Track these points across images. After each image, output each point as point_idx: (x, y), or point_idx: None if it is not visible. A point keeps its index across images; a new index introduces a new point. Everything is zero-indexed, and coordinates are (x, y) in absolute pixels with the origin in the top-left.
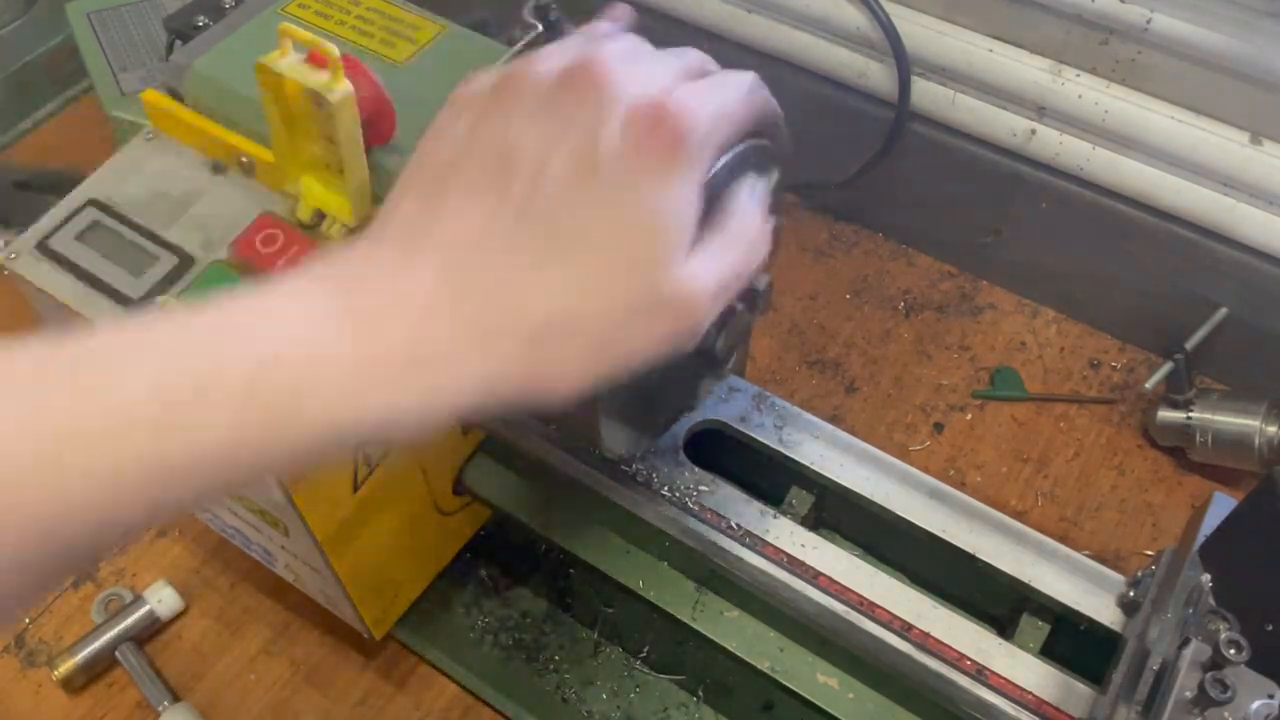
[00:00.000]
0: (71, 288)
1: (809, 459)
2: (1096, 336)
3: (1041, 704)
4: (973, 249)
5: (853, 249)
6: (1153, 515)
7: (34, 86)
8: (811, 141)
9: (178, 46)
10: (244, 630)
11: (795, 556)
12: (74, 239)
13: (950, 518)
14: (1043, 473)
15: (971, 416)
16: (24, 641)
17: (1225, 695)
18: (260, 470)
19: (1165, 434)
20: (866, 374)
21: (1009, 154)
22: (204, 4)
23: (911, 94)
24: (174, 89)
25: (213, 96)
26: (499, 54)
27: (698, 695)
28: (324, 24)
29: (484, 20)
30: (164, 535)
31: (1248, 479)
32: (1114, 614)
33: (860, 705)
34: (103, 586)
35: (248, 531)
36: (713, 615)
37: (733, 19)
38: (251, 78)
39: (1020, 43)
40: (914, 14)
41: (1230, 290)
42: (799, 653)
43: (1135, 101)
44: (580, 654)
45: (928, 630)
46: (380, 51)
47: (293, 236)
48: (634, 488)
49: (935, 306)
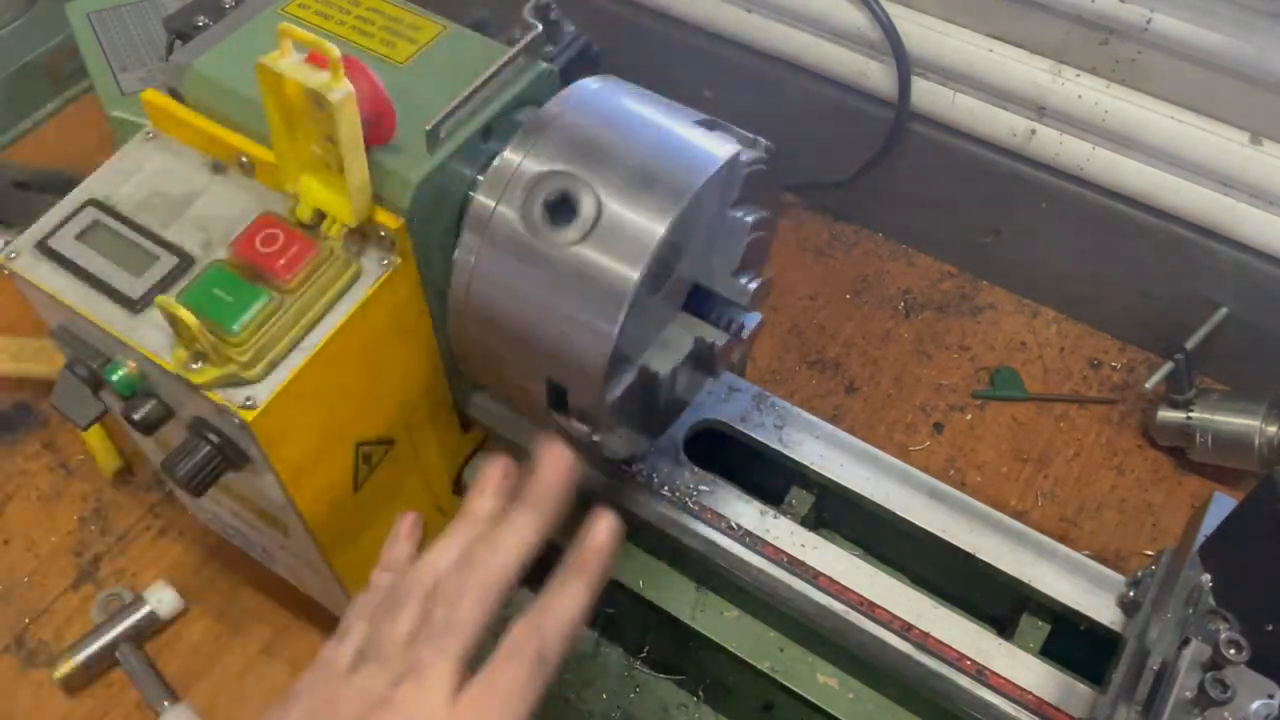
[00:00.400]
0: (71, 288)
1: (809, 459)
2: (1096, 336)
3: (1041, 704)
4: (973, 249)
5: (853, 249)
6: (1153, 515)
7: (34, 86)
8: (811, 141)
9: (178, 46)
10: (244, 630)
11: (795, 556)
12: (74, 239)
13: (950, 518)
14: (1043, 473)
15: (971, 416)
16: (24, 641)
17: (1225, 695)
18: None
19: (1165, 434)
20: (866, 374)
21: (1009, 154)
22: (204, 4)
23: (911, 94)
24: (174, 89)
25: (213, 96)
26: (499, 54)
27: (698, 695)
28: (324, 24)
29: (484, 20)
30: (164, 535)
31: (1248, 479)
32: (1114, 614)
33: (860, 705)
34: (103, 586)
35: (248, 531)
36: (713, 615)
37: (732, 19)
38: (251, 78)
39: (1020, 43)
40: (914, 14)
41: (1230, 290)
42: (799, 653)
43: (1135, 101)
44: (580, 654)
45: (928, 630)
46: (380, 51)
47: (293, 236)
48: (634, 488)
49: (935, 306)
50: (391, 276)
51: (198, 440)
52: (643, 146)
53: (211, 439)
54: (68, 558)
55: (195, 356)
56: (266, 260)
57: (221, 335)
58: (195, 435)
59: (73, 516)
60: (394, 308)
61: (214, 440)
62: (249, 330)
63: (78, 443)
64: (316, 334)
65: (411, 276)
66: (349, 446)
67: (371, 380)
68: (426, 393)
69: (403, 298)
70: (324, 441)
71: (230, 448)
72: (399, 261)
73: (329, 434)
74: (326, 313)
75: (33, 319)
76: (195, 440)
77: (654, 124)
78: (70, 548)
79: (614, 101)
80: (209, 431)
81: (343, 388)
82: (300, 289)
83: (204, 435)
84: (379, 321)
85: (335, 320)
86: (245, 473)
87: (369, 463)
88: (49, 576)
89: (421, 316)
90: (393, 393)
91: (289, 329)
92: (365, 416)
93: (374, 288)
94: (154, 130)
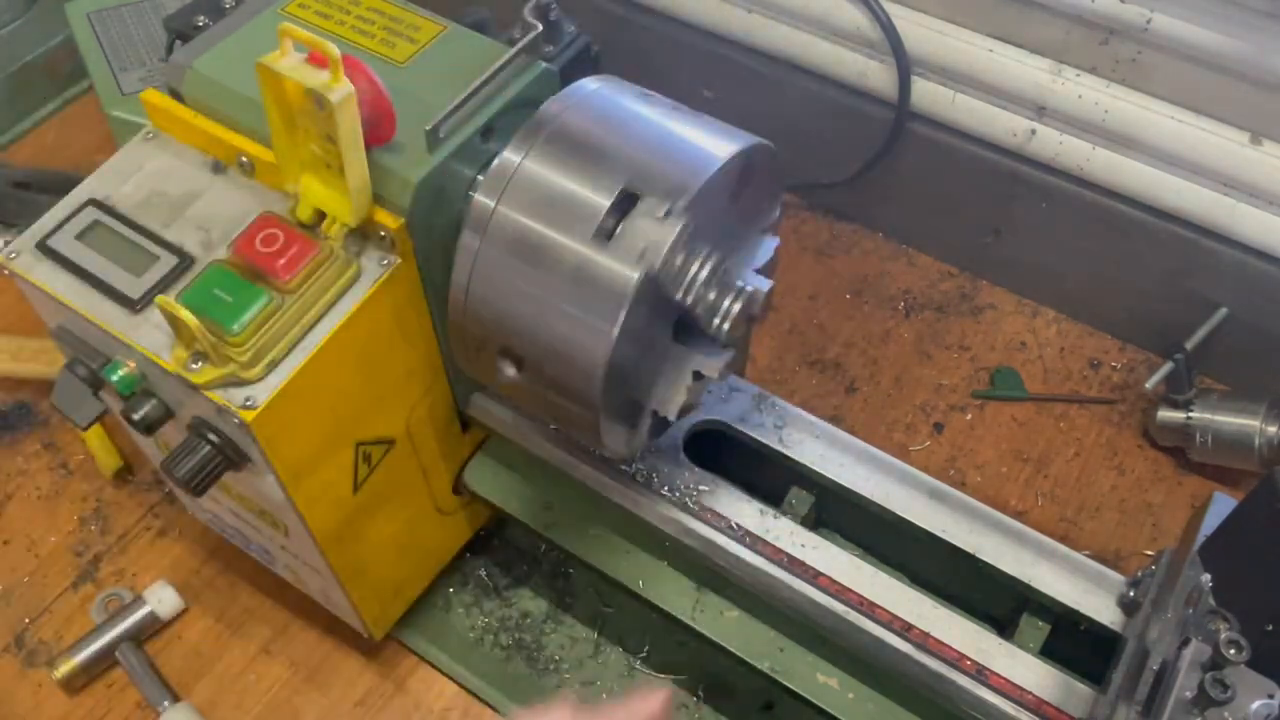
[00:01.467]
0: (71, 287)
1: (809, 459)
2: (1096, 336)
3: (1041, 704)
4: (973, 249)
5: (853, 249)
6: (1153, 515)
7: (34, 86)
8: (812, 141)
9: (178, 46)
10: (244, 630)
11: (795, 556)
12: (74, 239)
13: (950, 518)
14: (1043, 473)
15: (971, 416)
16: (24, 641)
17: (1225, 695)
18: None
19: (1165, 434)
20: (866, 374)
21: (1009, 154)
22: (204, 4)
23: (911, 94)
24: (174, 89)
25: (213, 96)
26: (499, 54)
27: (698, 695)
28: (324, 24)
29: (484, 20)
30: (164, 535)
31: (1248, 479)
32: (1114, 614)
33: (860, 705)
34: (103, 586)
35: (248, 531)
36: (713, 615)
37: (733, 19)
38: (251, 78)
39: (1020, 43)
40: (914, 14)
41: (1230, 290)
42: (799, 653)
43: (1135, 101)
44: (580, 654)
45: (928, 630)
46: (380, 51)
47: (293, 236)
48: (634, 488)
49: (935, 306)
50: (391, 276)
51: (198, 440)
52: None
53: (211, 439)
54: (68, 558)
55: (195, 356)
56: (266, 260)
57: (221, 335)
58: (195, 435)
59: (73, 516)
60: (394, 308)
61: (214, 440)
62: (249, 330)
63: (78, 443)
64: (316, 334)
65: (411, 276)
66: (349, 446)
67: (371, 380)
68: (426, 393)
69: (403, 298)
70: (324, 441)
71: (230, 448)
72: (399, 261)
73: (329, 434)
74: (326, 313)
75: (33, 319)
76: (195, 440)
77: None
78: (70, 548)
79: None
80: (209, 431)
81: (343, 388)
82: (300, 289)
83: (204, 435)
84: (379, 321)
85: (335, 320)
86: (245, 473)
87: (369, 463)
88: (49, 576)
89: (421, 316)
90: (393, 393)
91: (289, 329)
92: (365, 416)
93: (374, 288)
94: (154, 130)
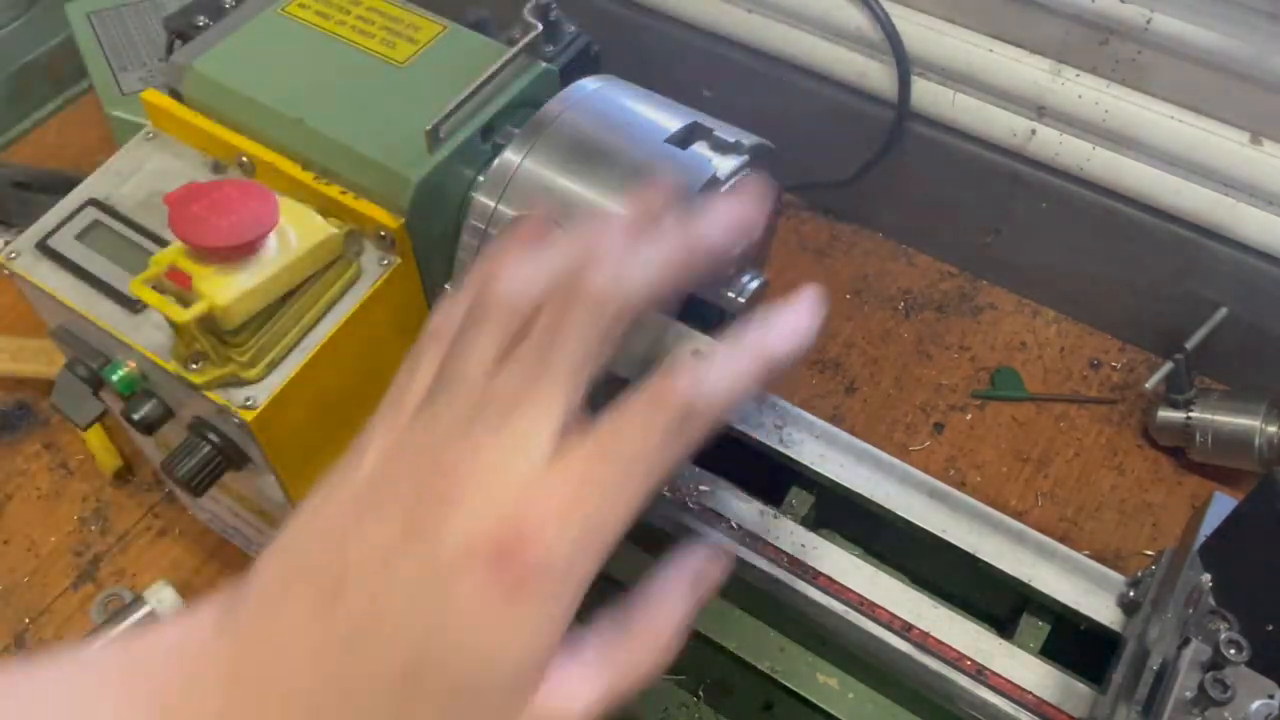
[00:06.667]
0: (71, 287)
1: (809, 459)
2: (1096, 336)
3: (1041, 704)
4: (973, 249)
5: (853, 249)
6: (1153, 515)
7: (34, 86)
8: (811, 141)
9: (178, 46)
10: None
11: (795, 556)
12: (74, 239)
13: (950, 518)
14: (1043, 473)
15: (971, 416)
16: (24, 641)
17: (1225, 695)
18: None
19: (1165, 434)
20: (866, 374)
21: (1009, 154)
22: (204, 4)
23: (911, 94)
24: (174, 89)
25: (213, 96)
26: (499, 54)
27: (698, 695)
28: (324, 24)
29: (484, 20)
30: (164, 535)
31: (1248, 479)
32: (1114, 614)
33: (860, 705)
34: (103, 586)
35: (248, 531)
36: (713, 615)
37: (732, 19)
38: (252, 78)
39: (1020, 43)
40: (914, 14)
41: (1230, 290)
42: (799, 653)
43: (1135, 101)
44: None
45: (928, 630)
46: (380, 51)
47: None
48: None
49: (935, 306)
50: (391, 276)
51: (198, 440)
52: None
53: (211, 439)
54: (68, 558)
55: (195, 356)
56: None
57: (221, 335)
58: (195, 435)
59: (73, 516)
60: (394, 308)
61: (214, 440)
62: (249, 330)
63: (78, 443)
64: (316, 334)
65: (411, 276)
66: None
67: (372, 379)
68: None
69: (403, 298)
70: (324, 441)
71: (230, 448)
72: (399, 261)
73: (329, 434)
74: (326, 313)
75: (33, 319)
76: (195, 440)
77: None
78: (70, 548)
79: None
80: (209, 431)
81: (343, 388)
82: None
83: (204, 435)
84: (379, 321)
85: (335, 320)
86: (245, 473)
87: None
88: (49, 576)
89: (421, 316)
90: None
91: (289, 329)
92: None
93: (374, 288)
94: (154, 130)
